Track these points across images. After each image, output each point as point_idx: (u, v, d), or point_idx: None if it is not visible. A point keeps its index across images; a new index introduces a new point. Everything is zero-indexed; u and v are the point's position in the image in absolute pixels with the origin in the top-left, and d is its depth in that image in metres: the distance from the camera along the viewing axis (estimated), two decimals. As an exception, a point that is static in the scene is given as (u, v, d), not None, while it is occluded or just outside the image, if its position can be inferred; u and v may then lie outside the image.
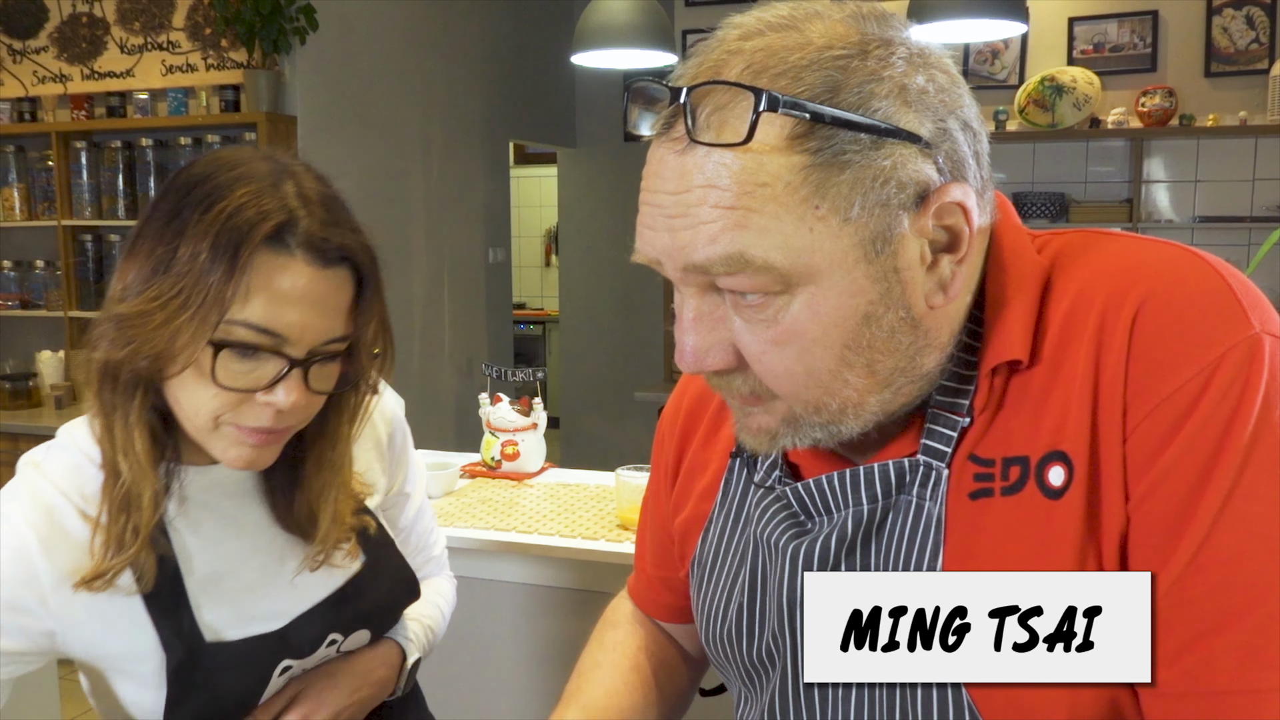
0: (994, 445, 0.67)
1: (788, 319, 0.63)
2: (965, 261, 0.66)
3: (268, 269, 0.85)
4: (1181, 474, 0.60)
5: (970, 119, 0.66)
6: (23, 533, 0.90)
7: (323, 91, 3.92)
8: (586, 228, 6.18)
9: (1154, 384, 0.61)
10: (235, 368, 0.86)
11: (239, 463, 0.92)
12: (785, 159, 0.60)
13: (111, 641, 0.93)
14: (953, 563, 0.67)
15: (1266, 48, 3.96)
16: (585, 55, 2.53)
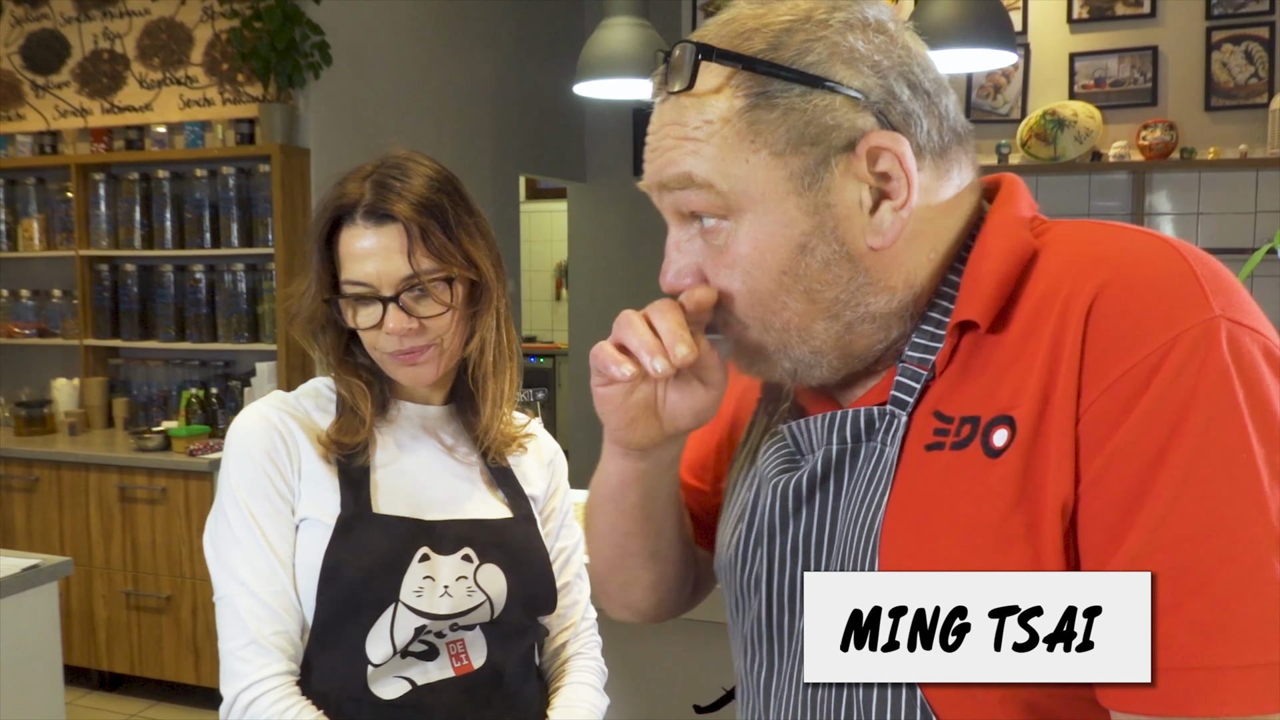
0: (956, 404, 0.71)
1: (733, 244, 0.73)
2: (907, 208, 0.71)
3: (344, 240, 1.19)
4: (1136, 452, 0.62)
5: (920, 80, 0.73)
6: (286, 422, 1.22)
7: (335, 125, 4.00)
8: (596, 261, 6.24)
9: (1108, 363, 0.63)
10: (358, 314, 1.20)
11: (405, 379, 1.24)
12: (726, 101, 0.72)
13: (316, 495, 1.20)
14: (895, 506, 0.71)
15: (1265, 82, 4.01)
16: (587, 85, 2.59)
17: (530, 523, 1.29)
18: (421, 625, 1.16)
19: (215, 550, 1.19)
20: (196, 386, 3.93)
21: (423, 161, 1.23)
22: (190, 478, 3.47)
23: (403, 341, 1.18)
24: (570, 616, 1.34)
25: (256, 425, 1.21)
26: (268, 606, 1.14)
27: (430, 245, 1.18)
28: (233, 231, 3.87)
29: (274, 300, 3.84)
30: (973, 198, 0.77)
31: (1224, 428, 0.60)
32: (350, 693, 1.15)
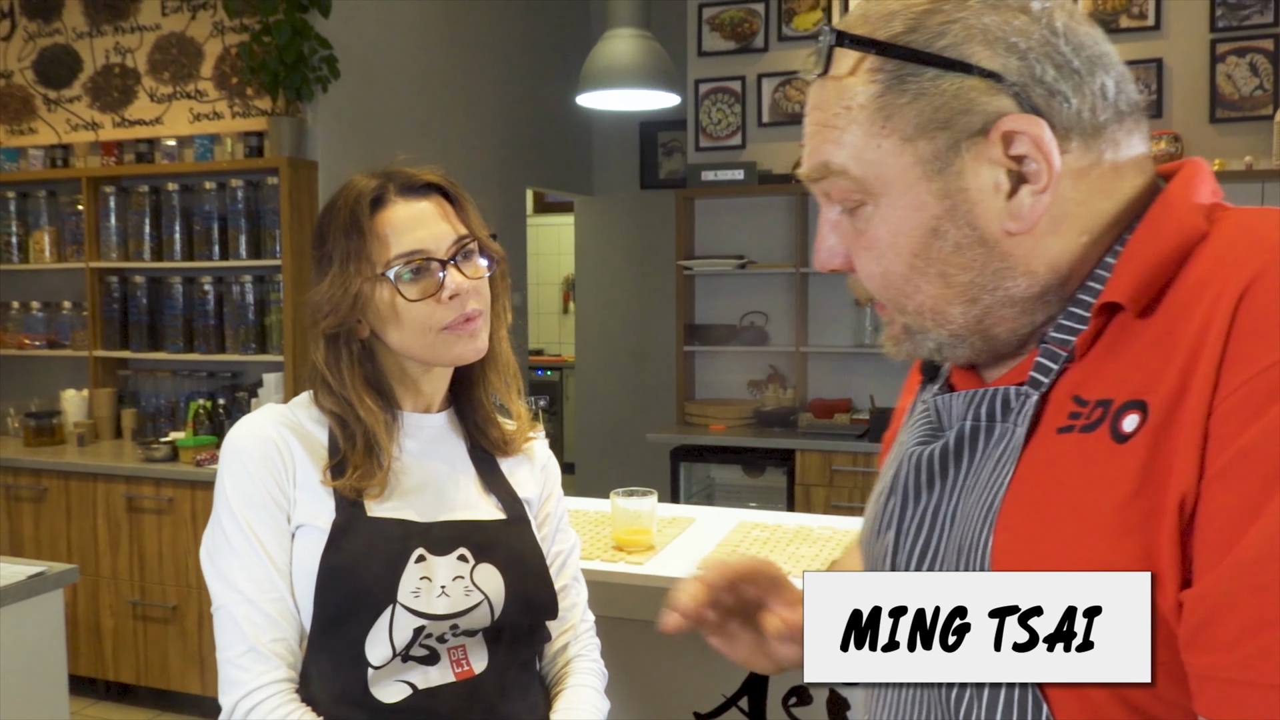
0: (1095, 388, 0.69)
1: (871, 226, 0.75)
2: (1048, 191, 0.70)
3: (384, 219, 1.20)
4: (1263, 454, 0.58)
5: (1069, 60, 0.71)
6: (282, 433, 1.22)
7: (343, 138, 4.03)
8: (602, 274, 6.26)
9: (1245, 361, 0.60)
10: (412, 287, 1.19)
11: (468, 353, 1.22)
12: (861, 86, 0.73)
13: (311, 503, 1.20)
14: (1017, 487, 0.70)
15: (1270, 94, 4.01)
16: (590, 96, 2.61)
17: (524, 524, 1.30)
18: (420, 626, 1.17)
19: (212, 561, 1.19)
20: (204, 397, 3.95)
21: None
22: (197, 488, 3.48)
23: (464, 305, 1.19)
24: (569, 619, 1.35)
25: (251, 436, 1.21)
26: (265, 614, 1.15)
27: (463, 213, 1.25)
28: (241, 244, 3.90)
29: (281, 312, 3.86)
30: (1140, 179, 0.74)
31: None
32: (351, 697, 1.15)
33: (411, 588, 1.17)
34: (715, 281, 4.86)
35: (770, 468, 4.30)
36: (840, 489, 4.12)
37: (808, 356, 4.69)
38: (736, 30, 4.78)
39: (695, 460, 4.40)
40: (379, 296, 1.19)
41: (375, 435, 1.21)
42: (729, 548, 1.87)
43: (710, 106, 4.84)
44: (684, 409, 4.73)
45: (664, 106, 2.76)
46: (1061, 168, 0.70)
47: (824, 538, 1.94)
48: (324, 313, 1.20)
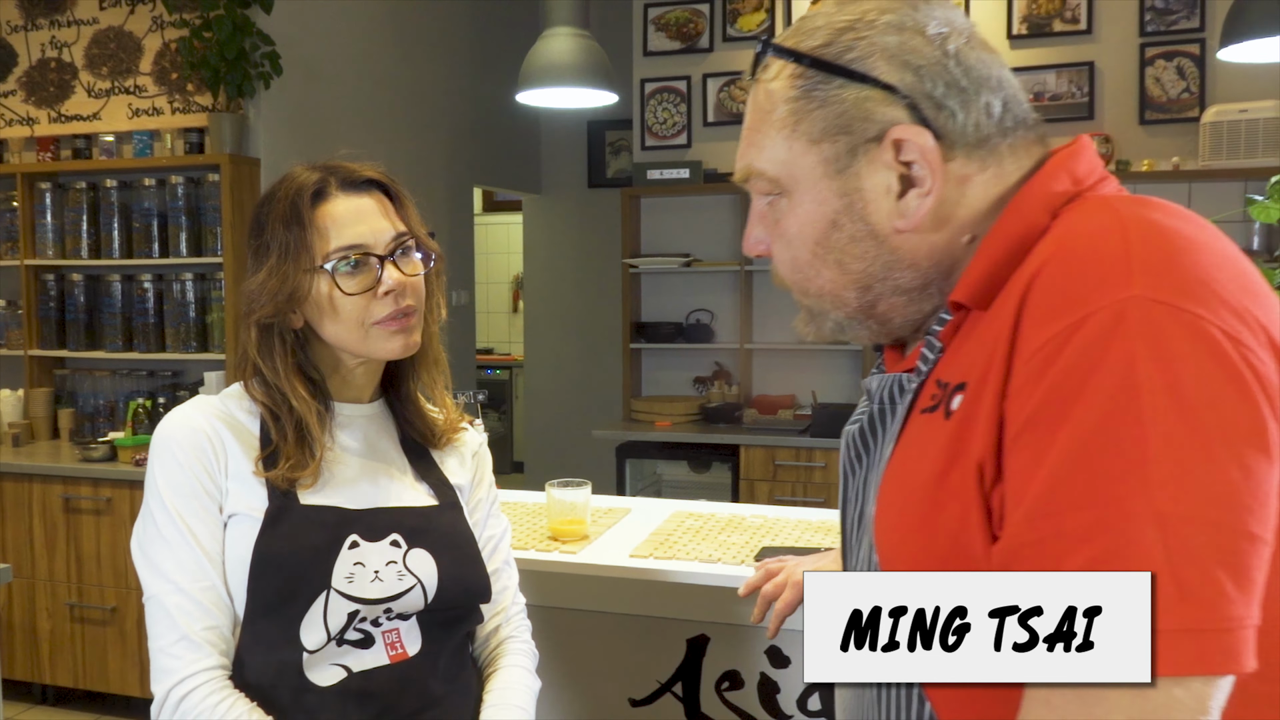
0: (947, 372, 0.77)
1: (784, 218, 0.84)
2: (932, 195, 0.78)
3: (325, 212, 1.21)
4: (1040, 422, 0.65)
5: (958, 80, 0.78)
6: (213, 424, 1.22)
7: (286, 135, 4.01)
8: (551, 272, 6.28)
9: (1030, 338, 0.67)
10: (350, 280, 1.20)
11: (397, 349, 1.23)
12: (782, 92, 0.82)
13: (243, 492, 1.21)
14: (892, 462, 0.81)
15: (1197, 96, 4.14)
16: (529, 94, 2.63)
17: (456, 510, 1.32)
18: (355, 610, 1.18)
19: (143, 551, 1.19)
20: (144, 396, 3.91)
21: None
22: (136, 488, 3.44)
23: (398, 300, 1.21)
24: (501, 602, 1.37)
25: (182, 427, 1.21)
26: (198, 603, 1.15)
27: (403, 210, 1.26)
28: (181, 241, 3.86)
29: (223, 309, 3.83)
30: (1017, 179, 0.79)
31: (1117, 406, 0.62)
32: (285, 681, 1.16)
33: (345, 573, 1.18)
34: (661, 279, 4.90)
35: (715, 463, 4.34)
36: (784, 483, 4.17)
37: (752, 353, 4.74)
38: (682, 30, 4.82)
39: (641, 456, 4.43)
40: (316, 288, 1.20)
41: (308, 425, 1.22)
42: (662, 536, 1.91)
43: (656, 106, 4.88)
44: (630, 406, 4.76)
45: (603, 105, 2.79)
46: (946, 174, 0.78)
47: (755, 526, 1.98)
48: (260, 302, 1.20)
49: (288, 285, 1.19)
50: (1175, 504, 0.60)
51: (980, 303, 0.75)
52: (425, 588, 1.22)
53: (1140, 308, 0.63)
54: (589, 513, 1.90)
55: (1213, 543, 0.60)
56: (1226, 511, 0.61)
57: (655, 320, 4.85)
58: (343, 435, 1.28)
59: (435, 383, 1.34)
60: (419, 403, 1.35)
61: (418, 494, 1.30)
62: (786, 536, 1.90)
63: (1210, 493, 0.61)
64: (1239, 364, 0.63)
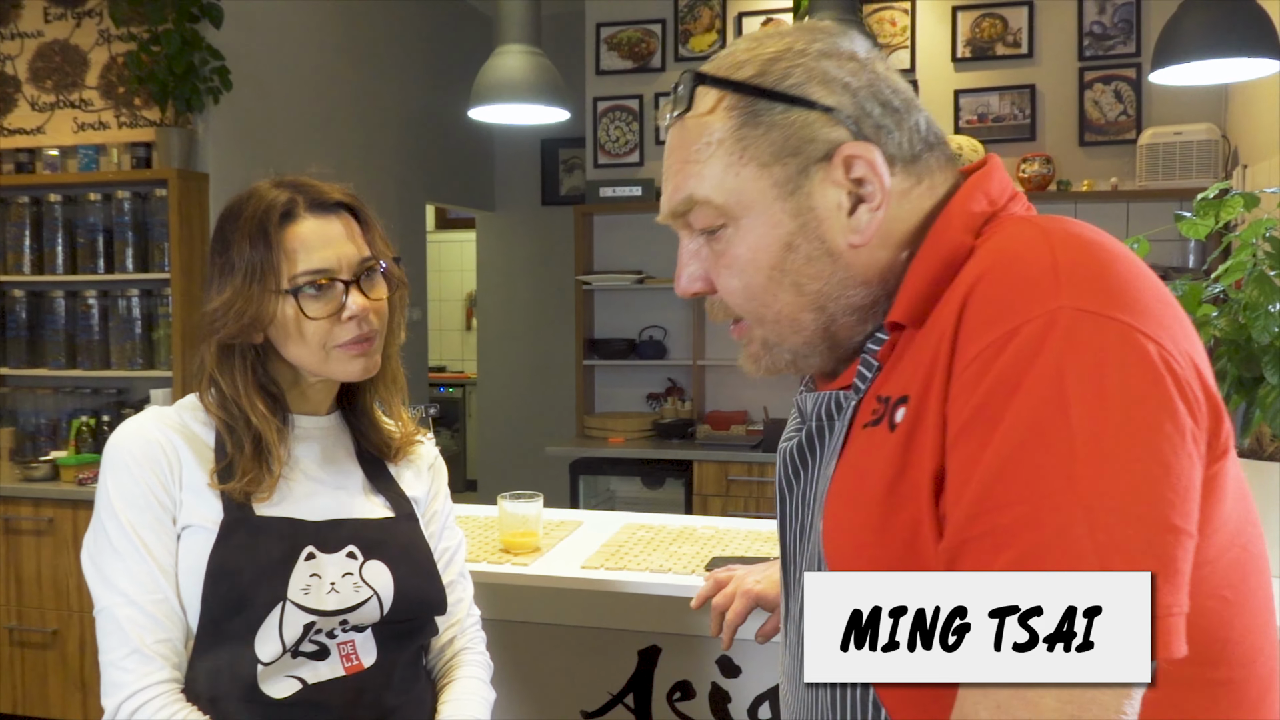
0: (886, 388, 0.80)
1: (732, 247, 0.83)
2: (882, 209, 0.81)
3: (293, 234, 1.20)
4: (976, 427, 0.68)
5: (890, 100, 0.82)
6: (167, 435, 1.21)
7: (236, 150, 3.98)
8: (504, 290, 6.27)
9: (967, 348, 0.70)
10: (315, 305, 1.20)
11: (357, 373, 1.24)
12: (719, 121, 0.82)
13: (198, 504, 1.20)
14: (837, 477, 0.82)
15: (1134, 119, 4.26)
16: (481, 110, 2.65)
17: (412, 522, 1.32)
18: (310, 622, 1.18)
19: (94, 564, 1.18)
20: (88, 415, 3.84)
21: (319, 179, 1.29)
22: (80, 507, 3.38)
23: (361, 326, 1.21)
24: (456, 613, 1.37)
25: (135, 438, 1.20)
26: (150, 615, 1.14)
27: (369, 233, 1.26)
28: (128, 257, 3.80)
29: (170, 326, 3.78)
30: (943, 195, 0.84)
31: (1045, 408, 0.65)
32: (238, 694, 1.15)
33: (301, 585, 1.18)
34: (614, 296, 4.92)
35: (669, 479, 4.36)
36: (736, 498, 4.20)
37: (705, 369, 4.78)
38: (634, 50, 4.87)
39: (595, 473, 4.44)
40: (281, 310, 1.20)
41: (266, 440, 1.21)
42: (614, 548, 1.92)
43: (608, 124, 4.91)
44: (584, 422, 4.77)
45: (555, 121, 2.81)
46: (889, 190, 0.81)
47: (706, 537, 2.00)
48: (224, 322, 1.19)
49: (252, 307, 1.19)
50: (1102, 499, 0.64)
51: (915, 321, 0.78)
52: (381, 599, 1.22)
53: (1068, 316, 0.67)
54: (541, 525, 1.91)
55: (1138, 535, 0.64)
56: (1150, 506, 0.64)
57: (608, 337, 4.87)
58: (299, 447, 1.28)
59: (393, 398, 1.35)
60: (375, 416, 1.35)
61: (374, 506, 1.30)
62: (737, 547, 1.92)
63: (1134, 488, 0.64)
64: (1161, 367, 0.67)
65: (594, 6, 4.91)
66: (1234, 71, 2.36)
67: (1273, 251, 1.51)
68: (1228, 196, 1.56)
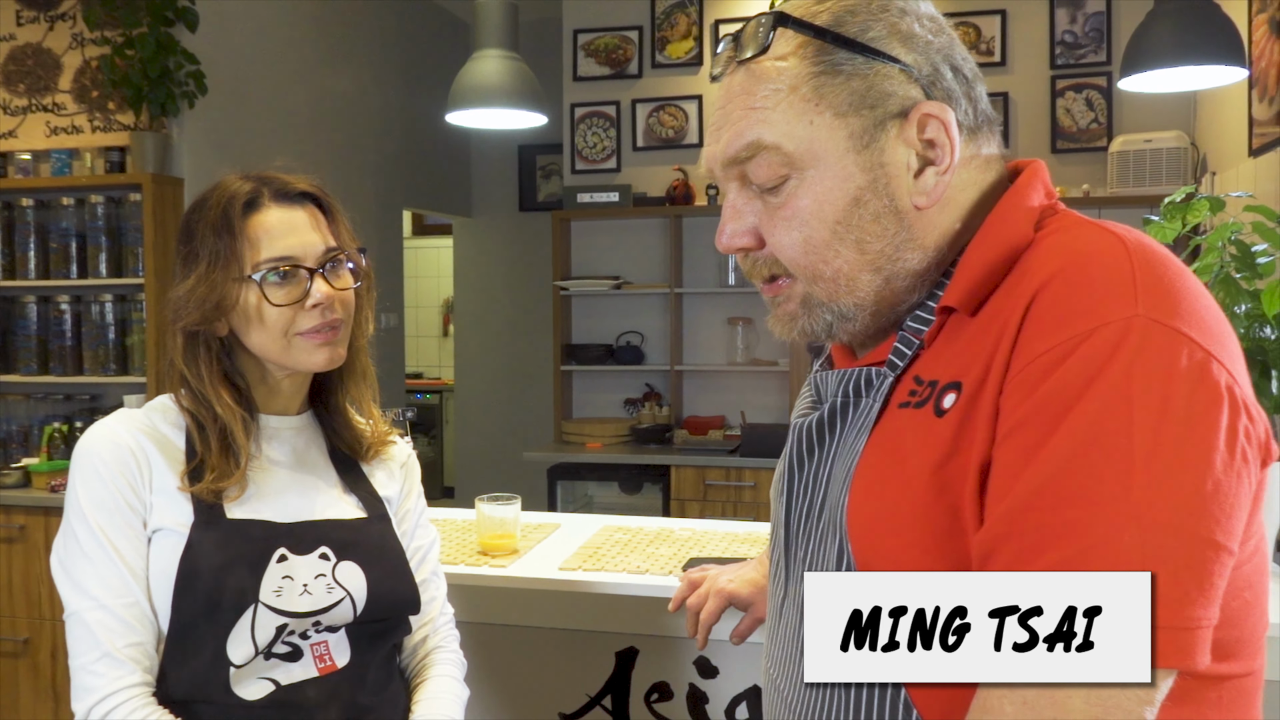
0: (931, 371, 0.79)
1: (794, 198, 0.80)
2: (949, 174, 0.80)
3: (257, 222, 1.21)
4: (1035, 423, 0.68)
5: (961, 66, 0.82)
6: (137, 438, 1.21)
7: (212, 155, 3.96)
8: (482, 296, 6.27)
9: (1034, 343, 0.70)
10: (279, 292, 1.20)
11: (321, 362, 1.24)
12: (795, 67, 0.80)
13: (168, 506, 1.19)
14: (867, 454, 0.80)
15: (1105, 127, 4.32)
16: (458, 115, 2.65)
17: (385, 522, 1.32)
18: (283, 624, 1.17)
19: (64, 568, 1.17)
20: (60, 421, 3.80)
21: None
22: (51, 514, 3.34)
23: (325, 314, 1.21)
24: (429, 612, 1.37)
25: (104, 441, 1.20)
26: (121, 619, 1.13)
27: (335, 224, 1.27)
28: (101, 262, 3.78)
29: (144, 331, 3.75)
30: (994, 178, 0.84)
31: (1110, 415, 0.65)
32: (211, 696, 1.15)
33: (273, 587, 1.17)
34: (592, 302, 4.93)
35: (646, 484, 4.37)
36: (714, 503, 4.22)
37: (682, 375, 4.79)
38: (611, 56, 4.89)
39: (573, 478, 4.44)
40: (244, 298, 1.20)
41: (232, 433, 1.21)
42: (591, 549, 1.92)
43: (586, 130, 4.93)
44: (561, 428, 4.77)
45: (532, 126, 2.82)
46: (958, 155, 0.80)
47: (684, 539, 2.01)
48: (187, 309, 1.20)
49: (216, 293, 1.19)
50: (1154, 510, 0.64)
51: (969, 307, 0.77)
52: (354, 600, 1.22)
53: (1144, 326, 0.67)
54: (519, 528, 1.91)
55: (1183, 548, 0.65)
56: (1198, 522, 0.65)
57: (586, 342, 4.88)
58: (270, 447, 1.28)
59: (363, 395, 1.34)
60: (347, 414, 1.35)
61: (346, 506, 1.30)
62: (714, 548, 1.93)
63: (1185, 503, 0.65)
64: (1223, 387, 0.68)
65: (571, 13, 4.93)
66: (1200, 79, 2.40)
67: (1239, 254, 1.54)
68: (1194, 200, 1.59)
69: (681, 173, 4.71)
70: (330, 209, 1.28)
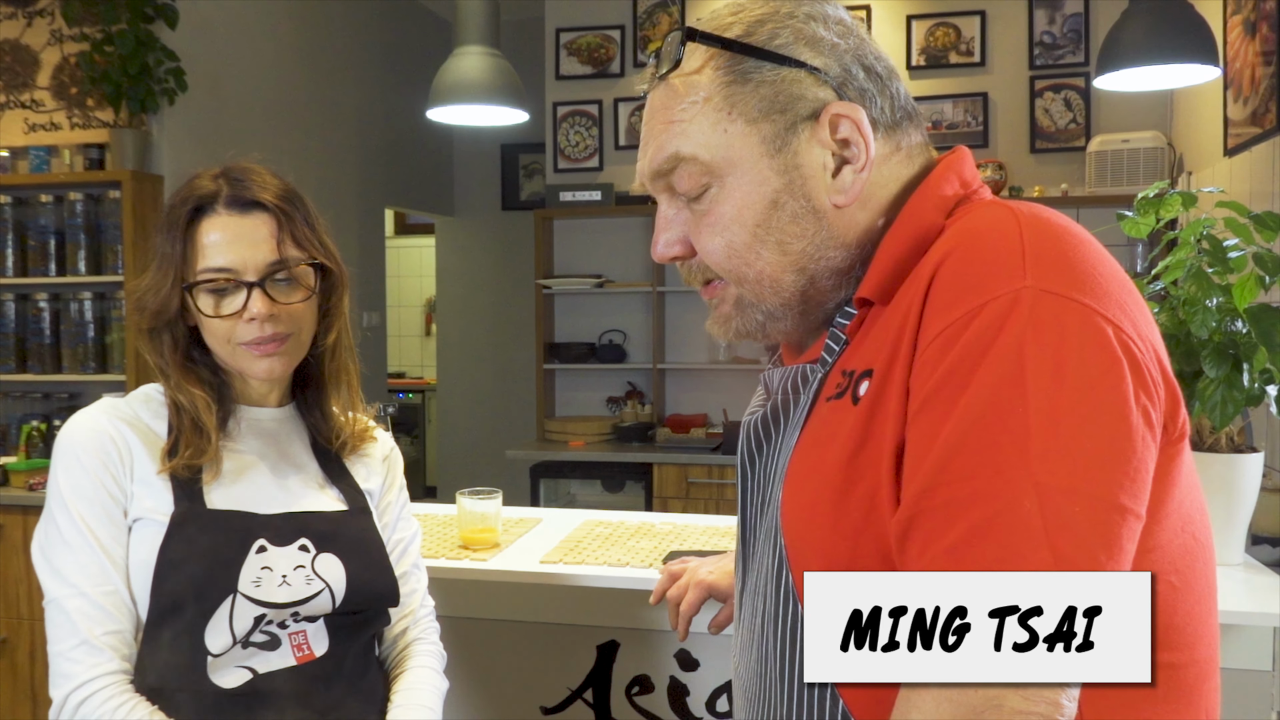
0: (851, 361, 0.81)
1: (716, 205, 0.83)
2: (866, 171, 0.82)
3: (205, 229, 1.21)
4: (937, 401, 0.69)
5: (873, 65, 0.84)
6: (118, 427, 1.21)
7: (192, 152, 3.94)
8: (464, 295, 6.26)
9: (932, 323, 0.71)
10: (214, 304, 1.21)
11: (261, 372, 1.24)
12: (707, 78, 0.83)
13: (149, 496, 1.20)
14: (798, 449, 0.83)
15: (1083, 127, 4.36)
16: (440, 111, 2.65)
17: (366, 515, 1.32)
18: (261, 615, 1.18)
19: (44, 555, 1.17)
20: (39, 419, 3.78)
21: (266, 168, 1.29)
22: (30, 513, 3.32)
23: (263, 328, 1.20)
24: (409, 604, 1.37)
25: (86, 430, 1.20)
26: (100, 606, 1.14)
27: (296, 233, 1.24)
28: (80, 259, 3.75)
29: (124, 330, 3.73)
30: (917, 171, 0.85)
31: (1004, 385, 0.67)
32: (188, 684, 1.15)
33: (252, 577, 1.18)
34: (574, 301, 4.93)
35: (629, 482, 4.37)
36: (696, 500, 4.23)
37: (665, 373, 4.80)
38: (593, 55, 4.90)
39: (556, 476, 4.44)
40: (186, 303, 1.22)
41: (197, 413, 1.22)
42: (572, 543, 1.93)
43: (568, 129, 4.93)
44: (544, 426, 4.77)
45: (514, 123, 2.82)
46: (873, 153, 0.82)
47: (664, 532, 2.02)
48: (140, 305, 1.23)
49: (159, 297, 1.21)
50: (1053, 476, 0.65)
51: (884, 298, 0.79)
52: (334, 592, 1.23)
53: (1031, 296, 0.68)
54: (500, 522, 1.92)
55: (1086, 513, 0.65)
56: (1099, 485, 0.66)
57: (568, 341, 4.88)
58: (249, 437, 1.28)
59: (340, 391, 1.35)
60: (326, 408, 1.35)
61: (327, 499, 1.30)
62: (695, 542, 1.94)
63: (1085, 467, 0.66)
64: (1119, 351, 0.68)
65: (554, 12, 4.94)
66: (1175, 78, 2.43)
67: (1211, 249, 1.56)
68: (1167, 195, 1.61)
69: (664, 172, 4.71)
70: (287, 219, 1.23)
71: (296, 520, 1.25)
